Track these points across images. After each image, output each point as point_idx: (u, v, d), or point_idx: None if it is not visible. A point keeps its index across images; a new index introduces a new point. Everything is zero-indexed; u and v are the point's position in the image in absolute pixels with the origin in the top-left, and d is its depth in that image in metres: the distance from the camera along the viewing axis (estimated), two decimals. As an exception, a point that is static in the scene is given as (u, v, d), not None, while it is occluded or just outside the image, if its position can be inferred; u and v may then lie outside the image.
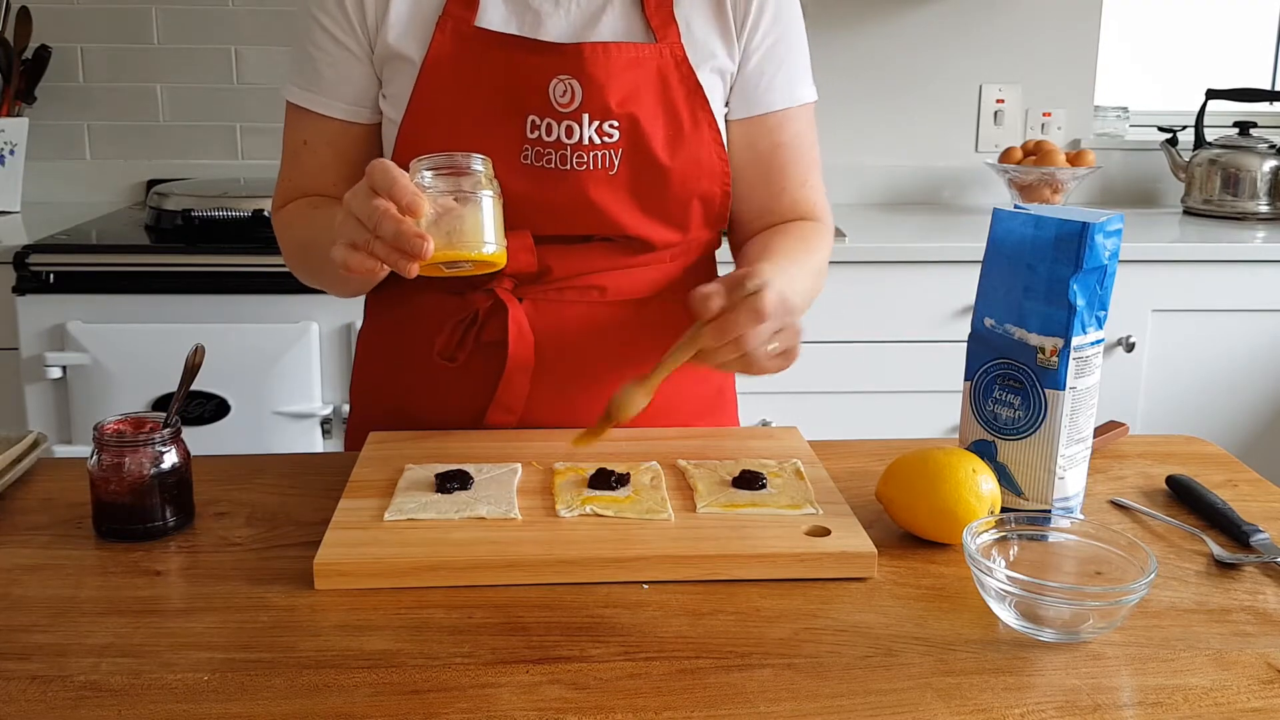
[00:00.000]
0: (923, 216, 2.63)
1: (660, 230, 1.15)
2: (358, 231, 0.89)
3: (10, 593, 0.84)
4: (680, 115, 1.12)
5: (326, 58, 1.14)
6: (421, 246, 0.86)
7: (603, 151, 1.10)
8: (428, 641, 0.77)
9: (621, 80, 1.09)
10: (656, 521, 0.91)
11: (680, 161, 1.12)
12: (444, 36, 1.10)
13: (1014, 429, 0.95)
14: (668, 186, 1.12)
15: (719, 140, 1.15)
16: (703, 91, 1.13)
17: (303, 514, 0.98)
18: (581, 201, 1.11)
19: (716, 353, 0.95)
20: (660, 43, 1.11)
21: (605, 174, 1.10)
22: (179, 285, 2.07)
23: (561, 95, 1.09)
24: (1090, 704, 0.71)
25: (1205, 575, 0.89)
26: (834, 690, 0.72)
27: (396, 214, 0.87)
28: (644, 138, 1.10)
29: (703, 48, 1.13)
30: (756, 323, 0.92)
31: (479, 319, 1.14)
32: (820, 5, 2.70)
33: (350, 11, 1.12)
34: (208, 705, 0.70)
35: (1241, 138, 2.68)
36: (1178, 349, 2.34)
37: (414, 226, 0.87)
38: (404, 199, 0.87)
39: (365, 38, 1.13)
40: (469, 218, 0.90)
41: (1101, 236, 0.91)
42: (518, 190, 1.09)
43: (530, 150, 1.10)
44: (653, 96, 1.11)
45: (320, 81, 1.15)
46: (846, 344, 2.26)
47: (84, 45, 2.59)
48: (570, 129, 1.09)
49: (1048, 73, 2.78)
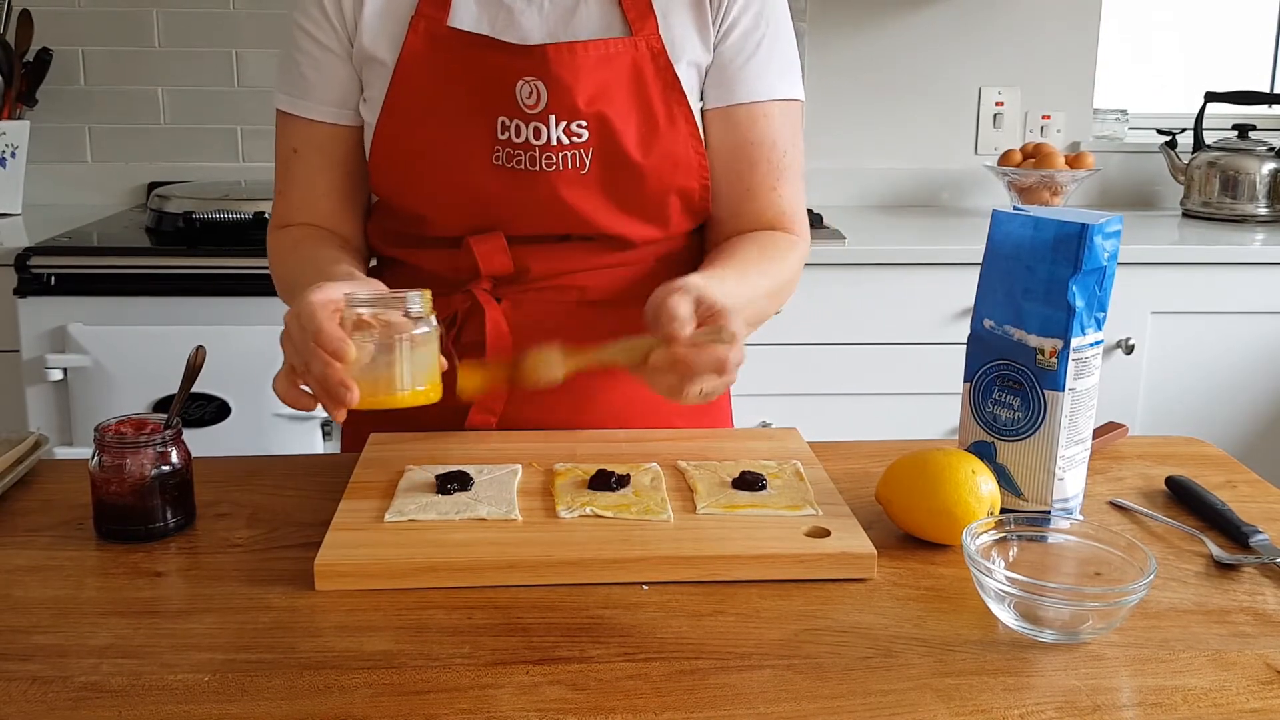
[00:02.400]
0: (922, 219, 2.63)
1: (638, 227, 1.14)
2: (294, 359, 0.90)
3: (11, 594, 0.84)
4: (655, 110, 1.11)
5: (310, 60, 1.15)
6: (346, 395, 0.87)
7: (572, 151, 1.09)
8: (428, 642, 0.77)
9: (590, 79, 1.08)
10: (656, 522, 0.92)
11: (655, 158, 1.11)
12: (416, 37, 1.10)
13: (1013, 430, 0.96)
14: (642, 183, 1.11)
15: (696, 134, 1.13)
16: (680, 85, 1.12)
17: (303, 515, 0.98)
18: (554, 202, 1.10)
19: (658, 377, 0.94)
20: (637, 36, 1.10)
21: (576, 174, 1.10)
22: (180, 287, 2.07)
23: (528, 97, 1.08)
24: (1089, 704, 0.71)
25: (1204, 576, 0.89)
26: (833, 691, 0.72)
27: (328, 360, 0.87)
28: (615, 136, 1.09)
29: (680, 40, 1.12)
30: (717, 376, 0.93)
31: (458, 320, 1.15)
32: (820, 7, 2.70)
33: (329, 12, 1.13)
34: (208, 706, 0.70)
35: (1240, 140, 2.68)
36: (1177, 351, 2.35)
37: (340, 374, 0.87)
38: (329, 348, 0.87)
39: (345, 37, 1.14)
40: (397, 364, 0.91)
41: (1100, 238, 0.91)
42: (491, 192, 1.10)
43: (501, 151, 1.10)
44: (625, 93, 1.10)
45: (305, 85, 1.16)
46: (846, 346, 2.26)
47: (85, 48, 2.59)
48: (538, 130, 1.09)
49: (1047, 75, 2.79)
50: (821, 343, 2.25)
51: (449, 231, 1.13)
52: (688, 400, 0.95)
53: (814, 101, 2.75)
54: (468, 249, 1.13)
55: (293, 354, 0.90)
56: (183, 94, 2.63)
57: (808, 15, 2.71)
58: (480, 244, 1.12)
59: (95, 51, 2.59)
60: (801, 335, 2.24)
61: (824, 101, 2.75)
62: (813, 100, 2.75)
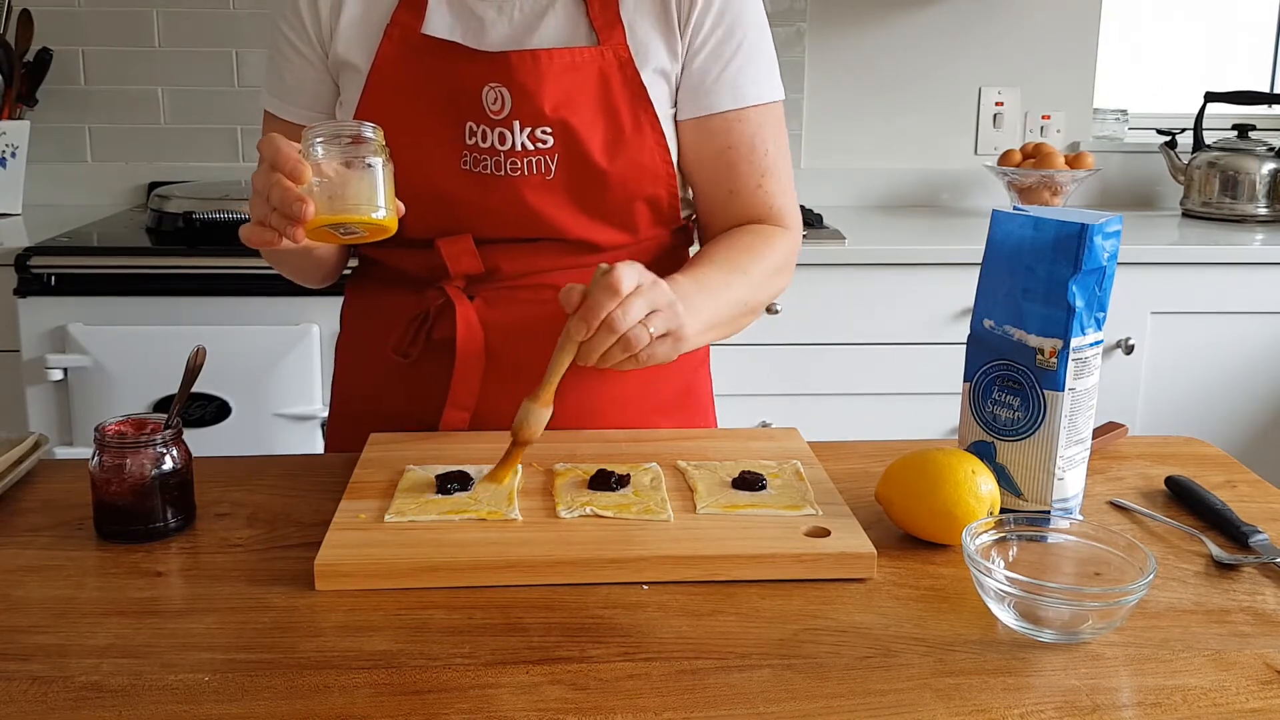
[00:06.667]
0: (922, 219, 2.63)
1: (605, 232, 1.15)
2: (261, 207, 0.93)
3: (11, 594, 0.84)
4: (621, 118, 1.12)
5: (289, 65, 1.18)
6: (301, 209, 0.90)
7: (537, 157, 1.10)
8: (428, 642, 0.77)
9: (555, 86, 1.09)
10: (656, 522, 0.92)
11: (620, 165, 1.12)
12: (391, 44, 1.12)
13: (1013, 430, 0.96)
14: (607, 190, 1.12)
15: (663, 143, 1.14)
16: (647, 94, 1.12)
17: (303, 515, 0.98)
18: (520, 206, 1.12)
19: (593, 344, 0.96)
20: (604, 45, 1.11)
21: (542, 179, 1.11)
22: (180, 287, 2.07)
23: (493, 103, 1.10)
24: (1089, 704, 0.71)
25: (1204, 576, 0.89)
26: (833, 691, 0.72)
27: (285, 182, 0.90)
28: (579, 143, 1.10)
29: (646, 49, 1.13)
30: (613, 298, 0.95)
31: (430, 316, 1.16)
32: (820, 7, 2.70)
33: (306, 20, 1.16)
34: (208, 706, 0.70)
35: (1240, 140, 2.68)
36: (1177, 351, 2.35)
37: (296, 191, 0.90)
38: (286, 166, 0.90)
39: (320, 46, 1.16)
40: (352, 182, 0.92)
41: (1100, 238, 0.91)
42: (459, 195, 1.12)
43: (469, 156, 1.11)
44: (591, 101, 1.11)
45: (284, 88, 1.19)
46: (846, 346, 2.26)
47: (85, 48, 2.59)
48: (503, 135, 1.10)
49: (1047, 75, 2.79)
50: (821, 343, 2.25)
51: (419, 233, 1.14)
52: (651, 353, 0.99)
53: (814, 101, 2.75)
54: (437, 250, 1.14)
55: (258, 204, 0.94)
56: (183, 94, 2.63)
57: (808, 15, 2.71)
58: (449, 246, 1.14)
59: (95, 51, 2.59)
60: (801, 335, 2.24)
61: (824, 101, 2.75)
62: (813, 100, 2.75)
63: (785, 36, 2.67)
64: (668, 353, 1.01)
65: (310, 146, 0.92)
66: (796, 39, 2.70)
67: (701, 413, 1.29)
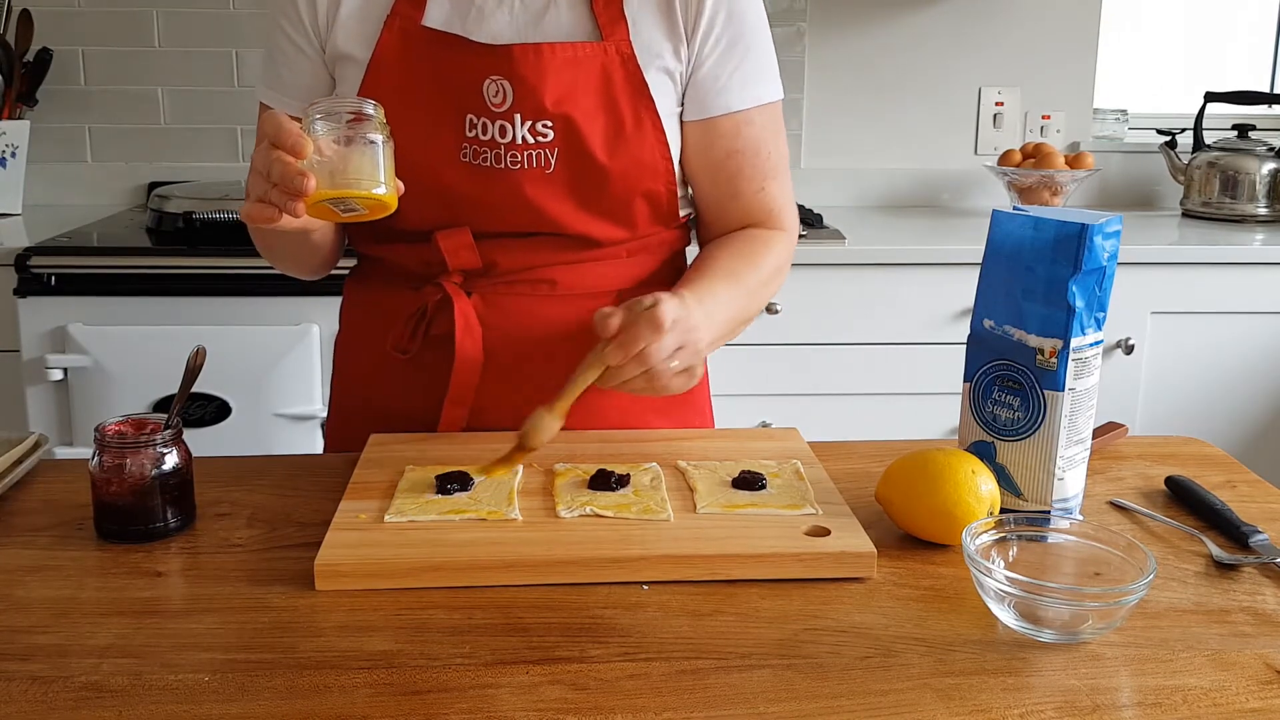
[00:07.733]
0: (922, 219, 2.63)
1: (604, 227, 1.15)
2: (260, 184, 0.93)
3: (12, 594, 0.84)
4: (623, 114, 1.12)
5: (284, 58, 1.17)
6: (303, 184, 0.89)
7: (537, 151, 1.10)
8: (428, 642, 0.77)
9: (557, 80, 1.09)
10: (656, 522, 0.92)
11: (621, 161, 1.12)
12: (391, 35, 1.12)
13: (1013, 430, 0.96)
14: (607, 185, 1.12)
15: (663, 139, 1.14)
16: (649, 91, 1.12)
17: (303, 515, 0.98)
18: (519, 200, 1.12)
19: (622, 370, 0.98)
20: (607, 40, 1.11)
21: (541, 173, 1.11)
22: (180, 287, 2.07)
23: (494, 95, 1.10)
24: (1089, 704, 0.71)
25: (1204, 576, 0.89)
26: (833, 691, 0.72)
27: (286, 158, 0.90)
28: (580, 137, 1.10)
29: (650, 46, 1.13)
30: (656, 334, 0.97)
31: (428, 312, 1.16)
32: (820, 7, 2.70)
33: (303, 13, 1.15)
34: (208, 706, 0.70)
35: (1240, 140, 2.68)
36: (1177, 351, 2.35)
37: (297, 165, 0.90)
38: (287, 141, 0.90)
39: (317, 39, 1.16)
40: (353, 158, 0.92)
41: (1100, 238, 0.91)
42: (458, 187, 1.12)
43: (469, 149, 1.11)
44: (593, 96, 1.11)
45: (280, 81, 1.18)
46: (846, 346, 2.26)
47: (85, 48, 2.59)
48: (504, 129, 1.10)
49: (1047, 75, 2.79)
50: (821, 343, 2.25)
51: (418, 226, 1.14)
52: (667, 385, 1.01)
53: (814, 101, 2.75)
54: (435, 244, 1.14)
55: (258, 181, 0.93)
56: (183, 94, 2.63)
57: (808, 15, 2.71)
58: (447, 239, 1.14)
59: (95, 51, 2.59)
60: (801, 335, 2.24)
61: (824, 101, 2.75)
62: (813, 100, 2.75)
63: (785, 36, 2.67)
64: (681, 386, 1.04)
65: (311, 123, 0.92)
66: (796, 39, 2.70)
67: (699, 413, 1.29)
